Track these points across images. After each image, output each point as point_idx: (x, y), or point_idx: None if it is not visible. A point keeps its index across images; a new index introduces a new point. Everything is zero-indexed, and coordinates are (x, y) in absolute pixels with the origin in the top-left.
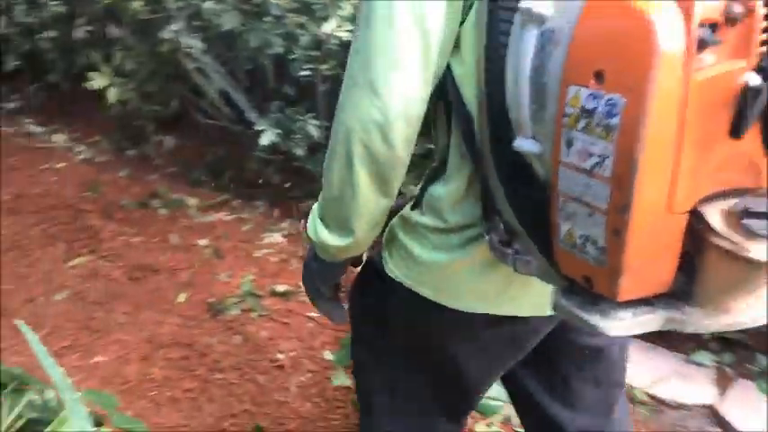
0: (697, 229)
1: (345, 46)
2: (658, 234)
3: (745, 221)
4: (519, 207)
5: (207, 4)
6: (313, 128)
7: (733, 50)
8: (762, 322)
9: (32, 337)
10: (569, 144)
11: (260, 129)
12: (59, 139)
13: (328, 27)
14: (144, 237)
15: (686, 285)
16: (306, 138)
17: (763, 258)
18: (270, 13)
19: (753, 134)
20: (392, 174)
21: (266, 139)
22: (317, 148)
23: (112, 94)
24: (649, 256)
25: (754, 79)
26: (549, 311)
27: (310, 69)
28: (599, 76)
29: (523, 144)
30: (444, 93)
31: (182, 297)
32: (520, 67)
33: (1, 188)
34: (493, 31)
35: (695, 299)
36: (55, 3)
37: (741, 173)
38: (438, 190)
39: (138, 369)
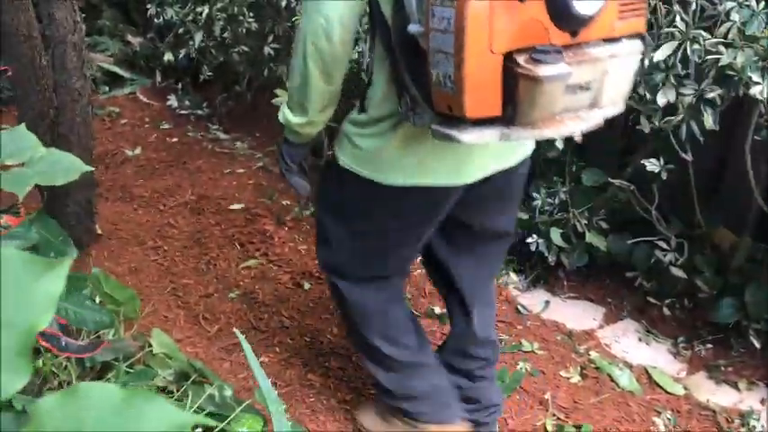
0: (510, 66)
1: None
2: (485, 67)
3: (533, 56)
4: (414, 75)
5: None
6: None
7: None
8: (564, 135)
9: (248, 349)
10: (433, 15)
11: None
12: (242, 146)
13: None
14: (311, 245)
15: (511, 111)
16: None
17: (544, 74)
18: None
19: (539, 5)
20: (334, 66)
21: None
22: None
23: None
24: (481, 84)
25: None
26: (457, 181)
27: None
28: None
29: (412, 27)
30: (371, 11)
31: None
32: None
33: (188, 189)
34: None
35: (517, 119)
36: (251, 19)
37: (536, 33)
38: (369, 94)
39: (299, 373)
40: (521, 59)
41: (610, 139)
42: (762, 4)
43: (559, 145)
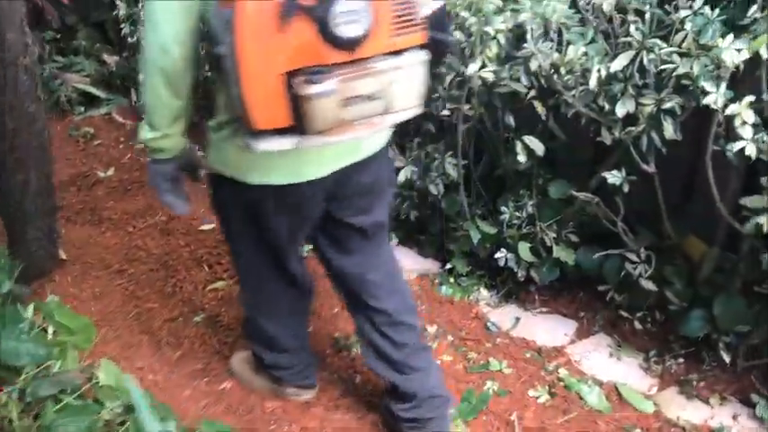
0: (291, 85)
1: (489, 87)
2: (266, 87)
3: (305, 76)
4: (227, 91)
5: None
6: (450, 166)
7: None
8: (357, 138)
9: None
10: (222, 42)
11: (398, 165)
12: None
13: (473, 67)
14: None
15: (300, 123)
16: (443, 176)
17: (311, 92)
18: None
19: (310, 31)
20: (178, 81)
21: (402, 175)
22: (454, 188)
23: None
24: (264, 101)
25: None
26: (300, 179)
27: (451, 110)
28: None
29: (219, 49)
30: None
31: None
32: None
33: (159, 210)
34: None
35: (306, 130)
36: None
37: (312, 54)
38: (216, 101)
39: (262, 400)
40: (295, 80)
41: (578, 150)
42: (716, 12)
43: (521, 159)
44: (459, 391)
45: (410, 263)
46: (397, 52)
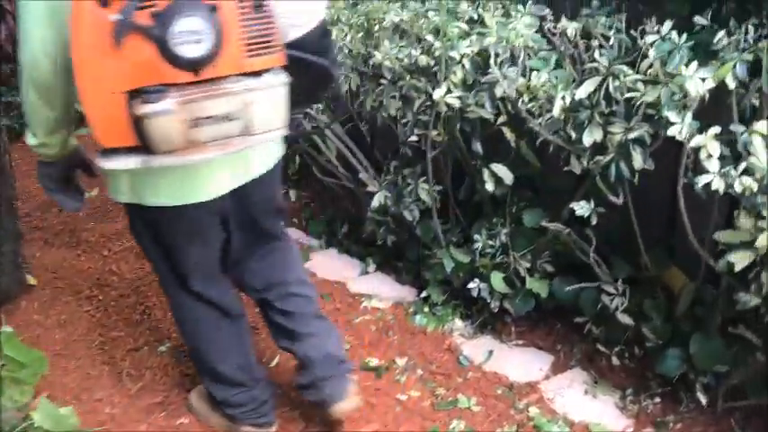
0: (131, 104)
1: (457, 112)
2: (107, 105)
3: (143, 96)
4: None
5: None
6: (424, 192)
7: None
8: (209, 159)
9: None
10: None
11: (371, 190)
12: None
13: (438, 92)
14: None
15: (144, 142)
16: (417, 201)
17: (145, 112)
18: (383, 75)
19: (150, 50)
20: (51, 95)
21: (377, 201)
22: (428, 214)
23: None
24: (106, 119)
25: (117, 16)
26: (190, 200)
27: (419, 135)
28: None
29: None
30: None
31: (275, 361)
32: None
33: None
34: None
35: (152, 148)
36: None
37: (152, 74)
38: None
39: None
40: (134, 100)
41: (554, 177)
42: (684, 38)
43: (489, 187)
44: (424, 430)
45: (387, 290)
46: (256, 73)
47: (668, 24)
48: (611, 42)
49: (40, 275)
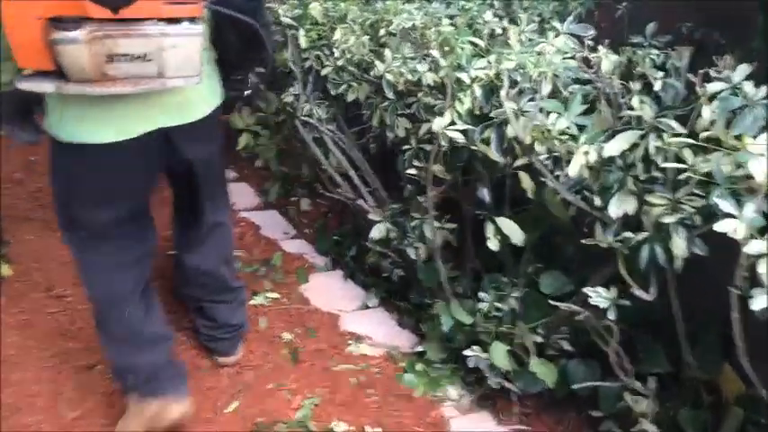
0: (48, 30)
1: (457, 149)
2: (26, 29)
3: (56, 24)
4: None
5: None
6: (429, 229)
7: None
8: (114, 93)
9: None
10: None
11: (374, 218)
12: None
13: (439, 122)
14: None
15: (60, 68)
16: (421, 239)
17: (54, 37)
18: (383, 91)
19: None
20: None
21: (377, 231)
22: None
23: (243, 139)
24: (25, 43)
25: None
26: (118, 137)
27: (417, 168)
28: None
29: None
30: None
31: (233, 406)
32: None
33: None
34: None
35: (67, 76)
36: None
37: (72, 7)
38: None
39: None
40: (49, 26)
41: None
42: (762, 91)
43: (492, 246)
44: None
45: (382, 333)
46: (175, 20)
47: (743, 70)
48: (656, 86)
49: (22, 263)
